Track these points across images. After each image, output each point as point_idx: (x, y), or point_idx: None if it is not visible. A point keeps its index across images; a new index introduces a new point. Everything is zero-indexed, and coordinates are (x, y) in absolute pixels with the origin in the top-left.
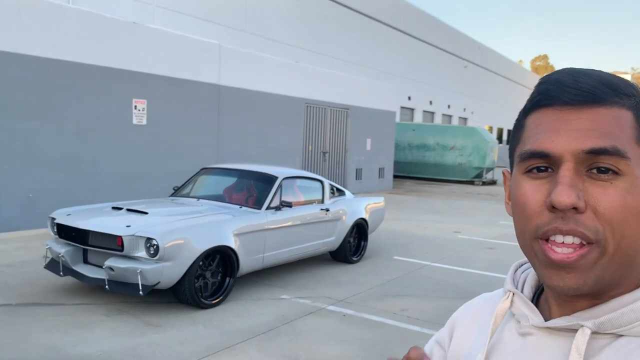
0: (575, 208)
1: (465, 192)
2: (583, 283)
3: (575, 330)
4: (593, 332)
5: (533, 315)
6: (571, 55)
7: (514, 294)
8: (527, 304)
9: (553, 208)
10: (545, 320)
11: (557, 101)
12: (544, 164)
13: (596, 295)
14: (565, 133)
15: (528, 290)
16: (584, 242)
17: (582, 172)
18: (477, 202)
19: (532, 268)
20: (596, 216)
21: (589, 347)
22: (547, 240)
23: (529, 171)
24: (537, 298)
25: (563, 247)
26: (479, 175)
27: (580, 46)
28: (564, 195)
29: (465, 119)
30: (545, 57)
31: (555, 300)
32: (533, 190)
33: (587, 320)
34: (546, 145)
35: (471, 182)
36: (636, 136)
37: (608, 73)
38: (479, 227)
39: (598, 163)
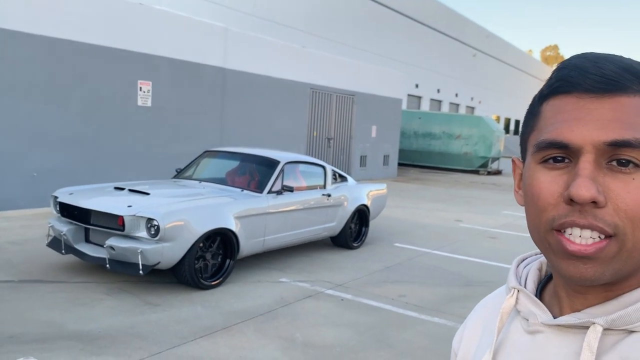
0: (594, 202)
1: (470, 182)
2: (601, 274)
3: (586, 327)
4: (604, 329)
5: (541, 312)
6: (582, 45)
7: (518, 290)
8: (533, 300)
9: (571, 201)
10: (554, 317)
11: (578, 88)
12: (561, 154)
13: (610, 286)
14: (587, 123)
15: (531, 285)
16: (602, 237)
17: (602, 165)
18: (481, 191)
19: (533, 263)
20: (616, 212)
21: (601, 344)
22: (563, 231)
23: (544, 161)
24: (540, 293)
25: (581, 239)
26: (484, 165)
27: (592, 35)
28: (584, 189)
29: (472, 108)
30: (555, 47)
31: (567, 293)
32: (549, 182)
33: (599, 317)
34: (566, 135)
35: (476, 172)
36: None
37: (630, 59)
38: (481, 216)
39: (619, 155)
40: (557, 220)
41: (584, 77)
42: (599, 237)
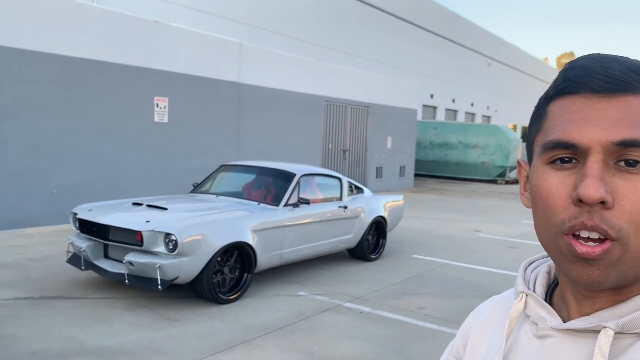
0: (603, 202)
1: (488, 192)
2: (607, 277)
3: (597, 332)
4: (616, 333)
5: (550, 316)
6: (599, 51)
7: (527, 295)
8: (542, 305)
9: (580, 202)
10: (564, 321)
11: (586, 88)
12: (568, 155)
13: (619, 291)
14: (595, 123)
15: (540, 289)
16: (606, 239)
17: (610, 165)
18: (500, 201)
19: (542, 266)
20: (622, 214)
21: (613, 348)
22: (572, 235)
23: (552, 162)
24: (550, 297)
25: (589, 241)
26: (502, 175)
27: (608, 41)
28: (592, 189)
29: (489, 118)
30: (571, 54)
31: (575, 297)
32: (558, 183)
33: (609, 320)
34: (574, 136)
35: (494, 182)
36: None
37: (637, 60)
38: (500, 226)
39: (627, 155)
40: (567, 223)
41: (591, 77)
42: (605, 238)
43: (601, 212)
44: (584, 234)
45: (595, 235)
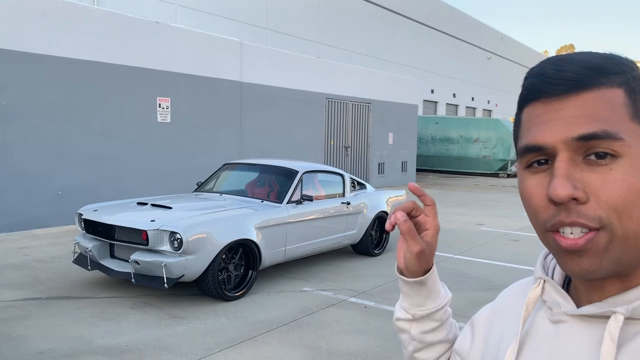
0: (575, 199)
1: (490, 185)
2: (599, 266)
3: (607, 317)
4: (626, 318)
5: (565, 302)
6: (599, 43)
7: (545, 281)
8: (558, 290)
9: (554, 201)
10: (578, 307)
11: (542, 94)
12: (542, 157)
13: (625, 277)
14: (554, 123)
15: (558, 276)
16: (589, 230)
17: (579, 161)
18: (502, 194)
19: None
20: (598, 204)
21: (623, 333)
22: (556, 231)
23: (529, 166)
24: (567, 284)
25: (572, 235)
26: (504, 168)
27: (608, 32)
28: (559, 188)
29: (489, 112)
30: (571, 46)
31: (584, 286)
32: (535, 185)
33: (620, 306)
34: (538, 138)
35: (496, 175)
36: (631, 113)
37: (595, 53)
38: (502, 219)
39: (593, 149)
40: (548, 222)
41: (545, 82)
42: (588, 230)
43: (577, 208)
44: (566, 230)
45: (577, 230)
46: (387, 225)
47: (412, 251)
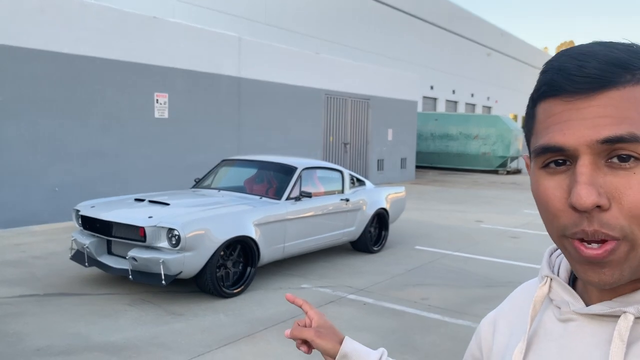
0: (598, 206)
1: (489, 182)
2: (620, 276)
3: (617, 316)
4: (636, 318)
5: (573, 300)
6: (599, 38)
7: (551, 279)
8: (566, 289)
9: (575, 209)
10: (586, 305)
11: (563, 91)
12: (560, 157)
13: (637, 279)
14: (577, 123)
15: (564, 274)
16: (610, 239)
17: (601, 164)
18: (501, 191)
19: None
20: (621, 212)
21: (632, 332)
22: (576, 239)
23: (546, 165)
24: (573, 281)
25: (592, 244)
26: (504, 165)
27: (608, 27)
28: (584, 197)
29: (489, 108)
30: (571, 43)
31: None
32: (554, 187)
33: (630, 305)
34: (558, 139)
35: (495, 172)
36: None
37: (618, 45)
38: (502, 216)
39: (617, 151)
40: (568, 229)
41: (567, 79)
42: (609, 239)
43: (599, 216)
44: (587, 238)
45: (596, 238)
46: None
47: (309, 336)
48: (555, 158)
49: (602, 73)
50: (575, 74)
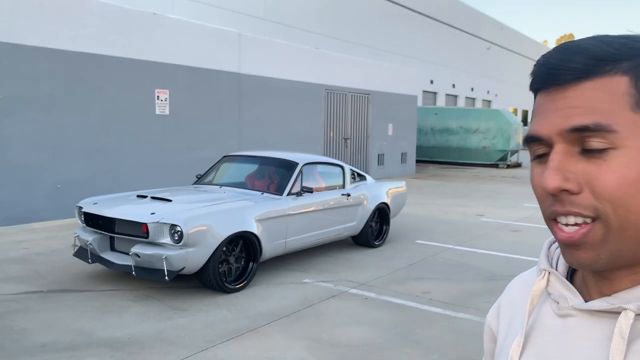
0: (567, 190)
1: (490, 176)
2: (595, 259)
3: (617, 313)
4: (636, 315)
5: (572, 295)
6: (599, 31)
7: (549, 272)
8: (564, 283)
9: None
10: (585, 300)
11: (546, 84)
12: (544, 150)
13: (633, 269)
14: (551, 114)
15: (562, 267)
16: (587, 221)
17: (575, 152)
18: (501, 185)
19: None
20: (594, 195)
21: (633, 329)
22: (555, 220)
23: (537, 157)
24: (571, 275)
25: (569, 227)
26: (504, 158)
27: (609, 23)
28: (548, 180)
29: (489, 102)
30: (571, 36)
31: (594, 278)
32: (538, 175)
33: (630, 302)
34: (537, 129)
35: (495, 166)
36: (632, 102)
37: (604, 38)
38: (502, 210)
39: (588, 143)
40: (547, 211)
41: (546, 73)
42: (585, 221)
43: (570, 198)
44: (562, 220)
45: (571, 220)
46: None
47: None
48: (539, 149)
49: (578, 66)
50: (554, 67)
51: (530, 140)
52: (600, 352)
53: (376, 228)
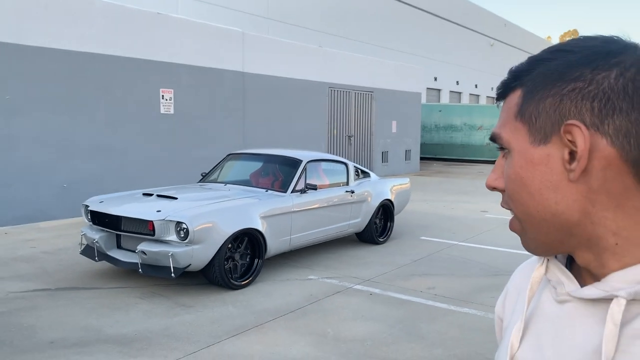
0: (498, 188)
1: None
2: (527, 245)
3: (611, 299)
4: (628, 300)
5: (568, 281)
6: (603, 27)
7: (548, 259)
8: (561, 269)
9: None
10: (582, 285)
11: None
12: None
13: (614, 250)
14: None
15: (561, 255)
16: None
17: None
18: None
19: None
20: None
21: (625, 314)
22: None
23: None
24: (571, 262)
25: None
26: None
27: (614, 19)
28: (488, 179)
29: (493, 98)
30: (574, 32)
31: (584, 262)
32: None
33: (621, 288)
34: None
35: None
36: (516, 111)
37: (546, 50)
38: None
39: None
40: None
41: (498, 87)
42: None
43: (504, 195)
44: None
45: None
46: None
47: None
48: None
49: (506, 82)
50: (500, 83)
51: (493, 140)
52: (595, 337)
53: (380, 225)
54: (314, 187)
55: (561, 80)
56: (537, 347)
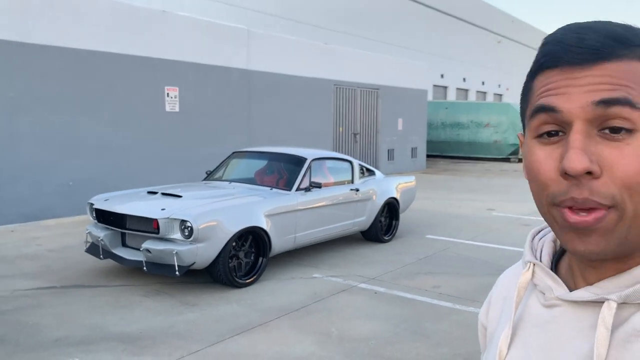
0: (590, 173)
1: (501, 170)
2: (605, 246)
3: (601, 302)
4: (619, 303)
5: (557, 286)
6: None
7: (534, 264)
8: (549, 274)
9: (567, 175)
10: (570, 290)
11: (562, 62)
12: (554, 127)
13: (622, 259)
14: (573, 89)
15: (546, 258)
16: (601, 206)
17: (594, 134)
18: (513, 179)
19: (547, 235)
20: (612, 180)
21: (616, 317)
22: (563, 206)
23: (540, 136)
24: (555, 265)
25: (581, 212)
26: (515, 152)
27: (620, 15)
28: (576, 161)
29: (500, 96)
30: None
31: (579, 266)
32: (545, 157)
33: (613, 292)
34: (554, 101)
35: (507, 160)
36: None
37: (616, 23)
38: (514, 204)
39: (610, 122)
40: (557, 197)
41: (565, 50)
42: (599, 205)
43: (589, 183)
44: (577, 204)
45: (586, 207)
46: None
47: None
48: (549, 128)
49: (600, 45)
50: (574, 45)
51: (544, 110)
52: (586, 341)
53: (385, 223)
54: (319, 185)
55: None
56: (525, 352)
